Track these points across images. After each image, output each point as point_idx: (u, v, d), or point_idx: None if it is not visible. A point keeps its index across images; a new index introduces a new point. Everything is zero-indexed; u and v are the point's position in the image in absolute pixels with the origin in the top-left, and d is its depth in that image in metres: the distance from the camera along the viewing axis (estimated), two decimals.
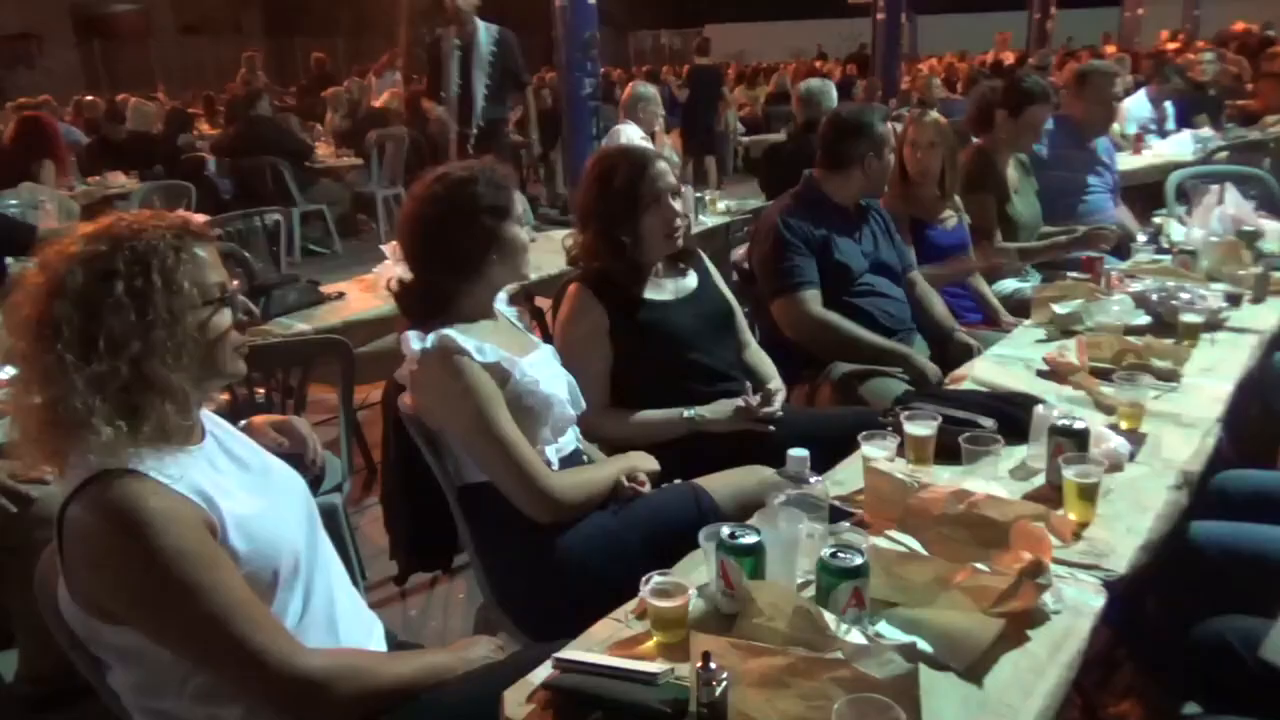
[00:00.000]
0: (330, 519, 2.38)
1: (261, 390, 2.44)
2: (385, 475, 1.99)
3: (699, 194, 4.37)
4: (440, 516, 1.85)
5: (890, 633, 1.27)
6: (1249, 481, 2.03)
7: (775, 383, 2.34)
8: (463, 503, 1.79)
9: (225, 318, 1.27)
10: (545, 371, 1.83)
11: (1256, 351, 2.39)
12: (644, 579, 1.31)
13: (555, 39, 7.57)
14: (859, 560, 1.24)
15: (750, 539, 1.30)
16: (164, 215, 1.26)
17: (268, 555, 1.22)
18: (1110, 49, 12.58)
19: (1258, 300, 2.70)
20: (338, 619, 1.33)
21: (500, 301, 1.92)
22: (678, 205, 2.18)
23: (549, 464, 1.77)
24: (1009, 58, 12.69)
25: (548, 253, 3.39)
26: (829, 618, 1.18)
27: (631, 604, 1.35)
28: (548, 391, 1.77)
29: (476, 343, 1.69)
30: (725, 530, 1.31)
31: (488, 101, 5.69)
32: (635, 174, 2.13)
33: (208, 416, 1.32)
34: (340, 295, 3.25)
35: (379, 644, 1.43)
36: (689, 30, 25.41)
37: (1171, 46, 12.26)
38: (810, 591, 1.35)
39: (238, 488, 1.25)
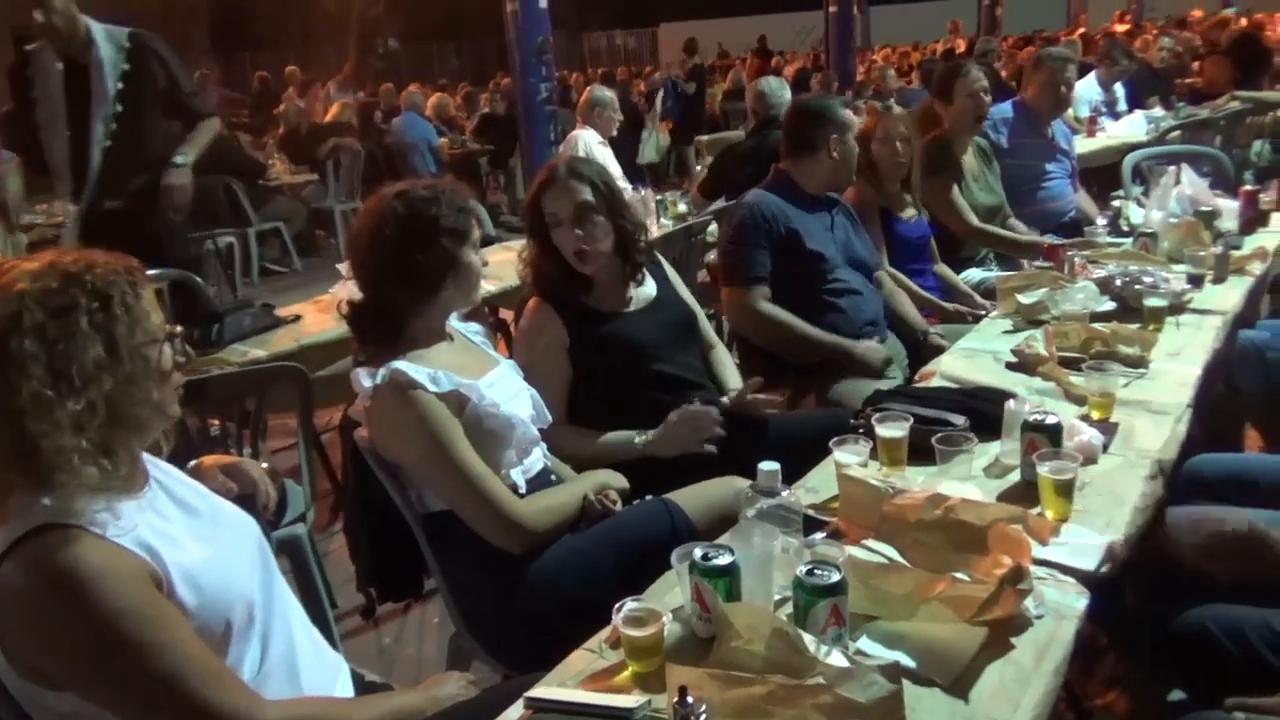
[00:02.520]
0: (295, 550, 2.33)
1: (216, 421, 2.36)
2: (346, 508, 1.92)
3: (659, 197, 4.33)
4: (406, 545, 1.79)
5: (871, 648, 1.24)
6: (1221, 464, 2.03)
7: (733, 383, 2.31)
8: (428, 532, 1.73)
9: (170, 355, 1.22)
10: (506, 391, 1.78)
11: (1221, 332, 2.39)
12: (616, 606, 1.26)
13: (508, 44, 7.52)
14: (836, 577, 1.20)
15: (724, 559, 1.26)
16: (102, 254, 1.21)
17: (219, 606, 1.16)
18: (1123, 25, 12.70)
19: (1219, 280, 2.71)
20: (299, 666, 1.27)
21: (454, 319, 1.87)
22: (578, 231, 2.07)
23: (516, 488, 1.72)
24: (960, 46, 12.79)
25: (510, 263, 3.33)
26: (808, 639, 1.14)
27: (605, 633, 1.31)
28: (509, 412, 1.71)
29: (430, 372, 1.63)
30: (698, 551, 1.27)
31: (117, 156, 3.40)
32: (539, 191, 2.10)
33: (151, 461, 1.26)
34: (296, 318, 3.17)
35: (345, 688, 1.38)
36: (643, 30, 25.44)
37: (1120, 28, 12.42)
38: (788, 609, 1.31)
39: (185, 536, 1.18)
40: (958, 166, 3.47)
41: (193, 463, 1.46)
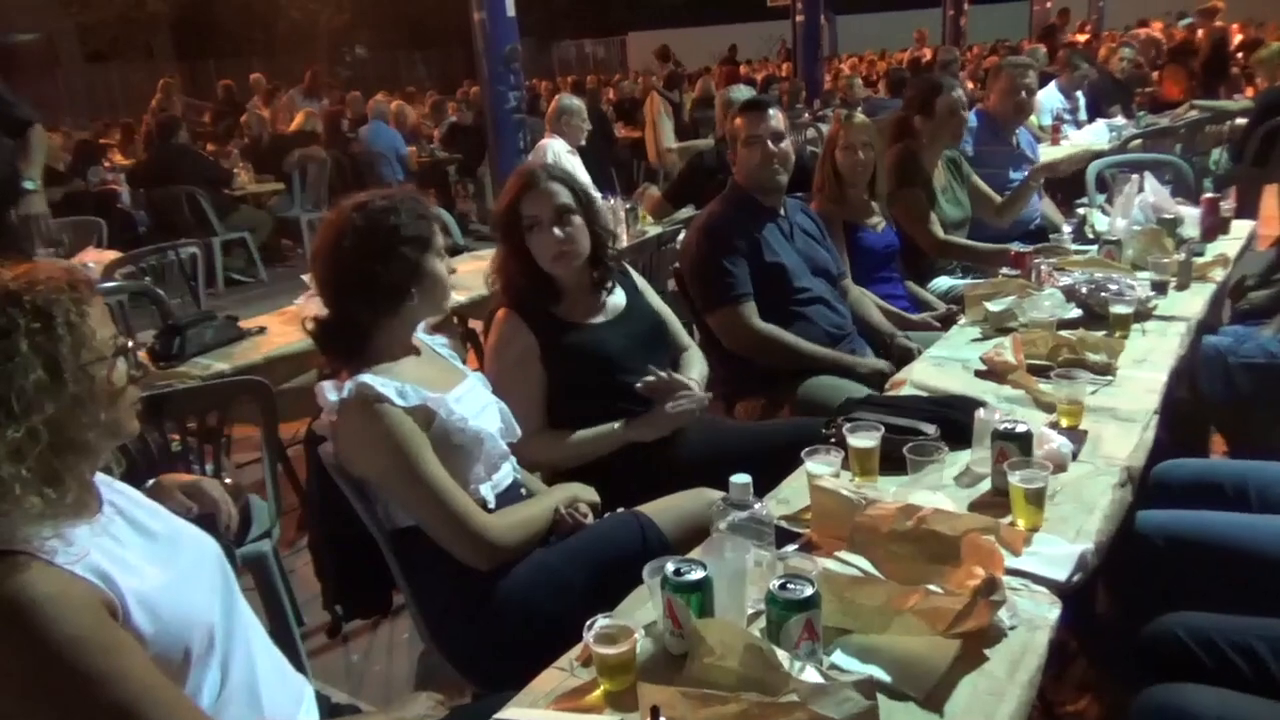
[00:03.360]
0: (260, 568, 2.28)
1: (177, 437, 2.31)
2: (311, 524, 1.88)
3: (628, 205, 4.32)
4: (373, 561, 1.76)
5: (845, 662, 1.23)
6: (1188, 470, 2.04)
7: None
8: (395, 548, 1.70)
9: (122, 371, 1.18)
10: (474, 405, 1.76)
11: (1185, 339, 2.41)
12: (588, 624, 1.24)
13: (476, 53, 7.48)
14: (809, 591, 1.19)
15: (696, 574, 1.24)
16: (47, 266, 1.16)
17: (177, 633, 1.12)
18: (1082, 35, 12.87)
19: (1183, 287, 2.74)
20: (260, 692, 1.23)
21: (421, 331, 1.84)
22: (559, 233, 2.07)
23: (485, 503, 1.69)
24: (927, 54, 12.93)
25: (480, 272, 3.30)
26: (781, 655, 1.13)
27: (576, 650, 1.29)
28: (477, 427, 1.69)
29: (398, 385, 1.60)
30: (670, 566, 1.25)
31: None
32: (516, 194, 2.09)
33: (105, 482, 1.22)
34: (261, 330, 3.12)
35: (309, 712, 1.34)
36: (612, 38, 25.51)
37: (1080, 38, 12.62)
38: (761, 623, 1.30)
39: (142, 560, 1.15)
40: (928, 180, 3.49)
41: (151, 481, 1.42)
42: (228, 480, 1.61)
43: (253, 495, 2.36)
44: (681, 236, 3.97)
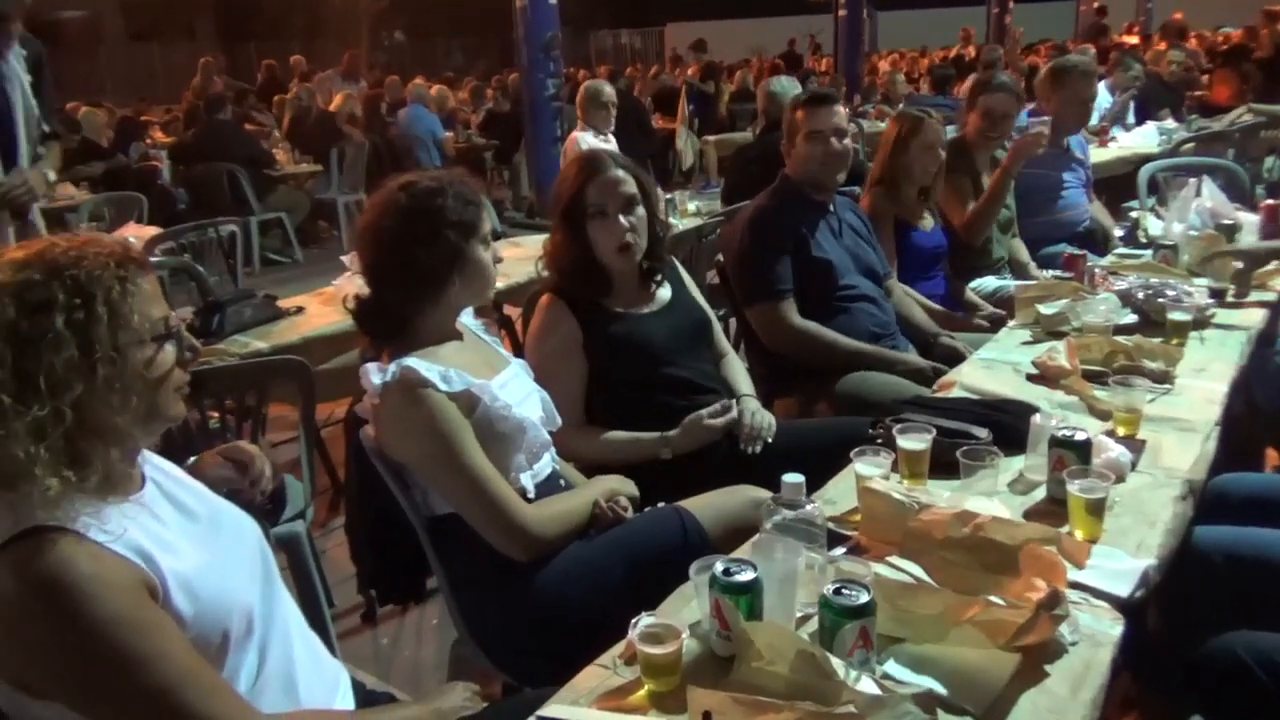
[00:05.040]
0: (293, 548, 2.27)
1: (215, 415, 2.30)
2: (349, 507, 1.87)
3: (668, 196, 4.27)
4: (409, 547, 1.74)
5: (898, 672, 1.18)
6: (1247, 484, 1.98)
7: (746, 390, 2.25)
8: (432, 535, 1.67)
9: (169, 355, 1.14)
10: (517, 393, 1.73)
11: (1245, 349, 2.34)
12: (633, 621, 1.21)
13: (516, 40, 7.46)
14: (865, 597, 1.15)
15: (747, 575, 1.20)
16: (102, 241, 1.14)
17: (216, 615, 1.10)
18: (1131, 37, 12.61)
19: (1241, 296, 2.66)
20: (297, 677, 1.21)
21: (466, 315, 1.81)
22: (625, 222, 2.02)
23: (524, 493, 1.66)
24: (970, 52, 12.76)
25: (516, 259, 3.28)
26: (836, 662, 1.09)
27: (619, 648, 1.25)
28: (521, 416, 1.66)
29: (442, 370, 1.57)
30: (719, 565, 1.22)
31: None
32: (583, 181, 2.04)
33: (149, 460, 1.20)
34: (299, 310, 3.11)
35: (345, 700, 1.32)
36: (649, 29, 25.39)
37: (1129, 40, 12.38)
38: (809, 627, 1.26)
39: (182, 540, 1.12)
40: (975, 171, 3.41)
41: (191, 460, 1.40)
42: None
43: (287, 475, 2.35)
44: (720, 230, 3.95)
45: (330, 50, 14.95)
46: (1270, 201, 3.25)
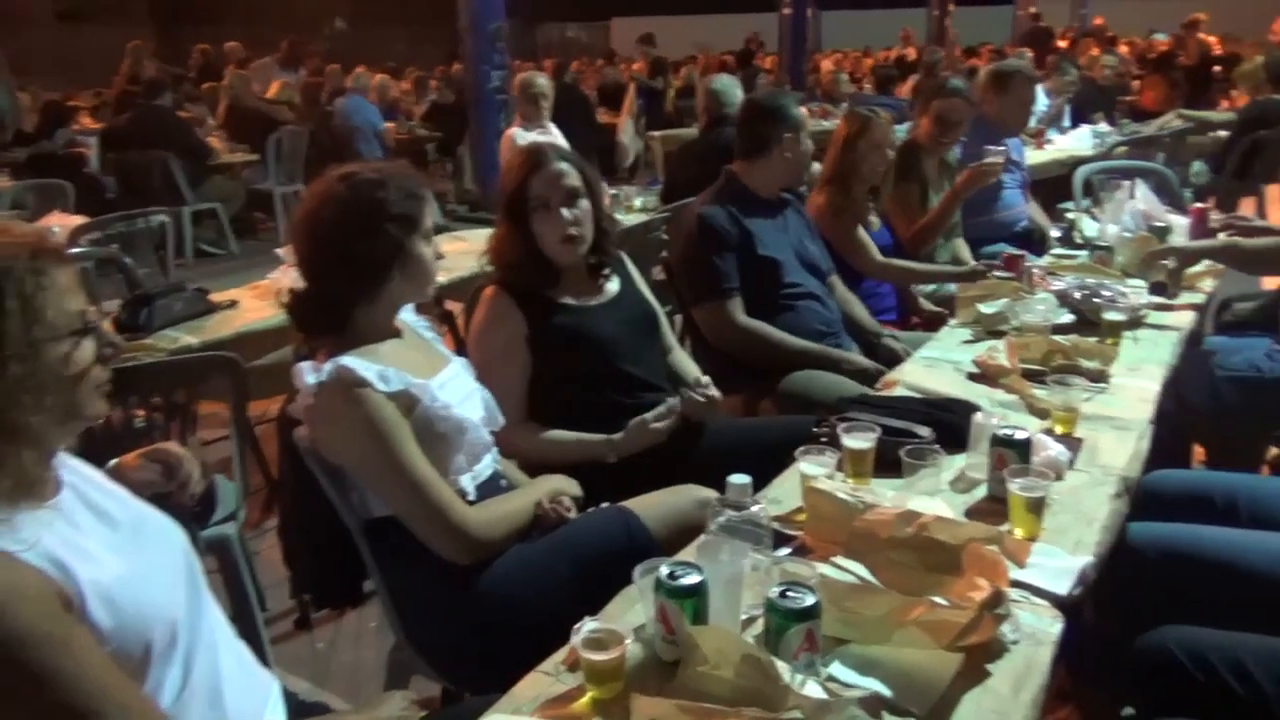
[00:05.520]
0: (224, 552, 2.19)
1: (142, 413, 2.21)
2: (282, 509, 1.81)
3: (614, 192, 4.24)
4: (345, 550, 1.69)
5: (844, 674, 1.18)
6: (1178, 481, 2.02)
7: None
8: (370, 538, 1.63)
9: (87, 351, 1.08)
10: (458, 392, 1.69)
11: (1176, 349, 2.39)
12: (575, 627, 1.18)
13: (460, 30, 7.35)
14: (811, 600, 1.14)
15: (692, 578, 1.18)
16: (14, 230, 1.07)
17: (138, 628, 1.04)
18: (1064, 42, 12.85)
19: (1173, 296, 2.72)
20: (223, 690, 1.16)
21: (406, 311, 1.76)
22: (568, 214, 2.00)
23: (465, 494, 1.62)
24: (912, 53, 12.94)
25: (459, 253, 3.22)
26: (781, 666, 1.08)
27: (561, 654, 1.23)
28: (461, 415, 1.62)
29: (379, 369, 1.53)
30: (664, 569, 1.20)
31: None
32: (526, 173, 2.02)
33: (65, 462, 1.13)
34: (232, 304, 3.01)
35: (275, 711, 1.26)
36: (596, 23, 25.29)
37: (1062, 44, 12.67)
38: (754, 629, 1.25)
39: (101, 549, 1.06)
40: (923, 177, 3.45)
41: (112, 462, 1.33)
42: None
43: (219, 475, 2.27)
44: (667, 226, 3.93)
45: (269, 37, 14.56)
46: (1199, 205, 3.34)
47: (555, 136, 4.93)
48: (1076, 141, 6.06)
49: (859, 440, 1.67)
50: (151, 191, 6.55)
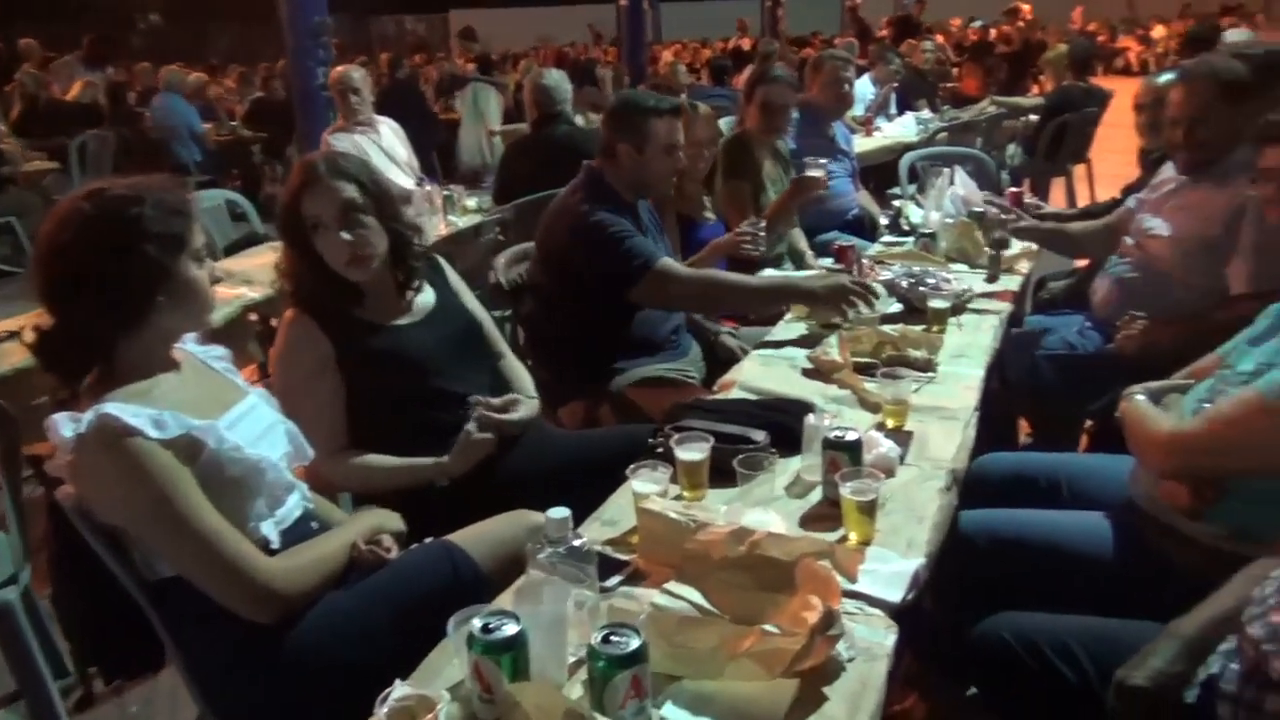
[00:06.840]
0: (3, 620, 1.94)
1: None
2: (53, 574, 1.59)
3: (446, 192, 4.06)
4: (136, 614, 1.50)
5: (676, 715, 1.11)
6: (1003, 464, 2.07)
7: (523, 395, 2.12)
8: (157, 603, 1.45)
9: None
10: (254, 429, 1.52)
11: (998, 331, 2.46)
12: (381, 696, 1.06)
13: (281, 24, 6.94)
14: (636, 643, 1.06)
15: (508, 630, 1.08)
16: None
17: None
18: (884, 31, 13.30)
19: (992, 279, 2.81)
20: None
21: (189, 342, 1.58)
22: (346, 236, 1.83)
23: (267, 543, 1.46)
24: (747, 44, 13.19)
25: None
26: None
27: None
28: (256, 455, 1.45)
29: (153, 414, 1.35)
30: (477, 622, 1.09)
31: None
32: (297, 191, 1.84)
33: None
34: (11, 335, 2.68)
35: None
36: (433, 15, 24.63)
37: (884, 34, 13.21)
38: (583, 673, 1.16)
39: None
40: (757, 170, 3.45)
41: None
42: None
43: None
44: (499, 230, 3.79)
45: (72, 34, 13.42)
46: (1014, 189, 3.50)
47: (384, 136, 4.70)
48: (902, 129, 6.29)
49: (692, 452, 1.62)
50: None
